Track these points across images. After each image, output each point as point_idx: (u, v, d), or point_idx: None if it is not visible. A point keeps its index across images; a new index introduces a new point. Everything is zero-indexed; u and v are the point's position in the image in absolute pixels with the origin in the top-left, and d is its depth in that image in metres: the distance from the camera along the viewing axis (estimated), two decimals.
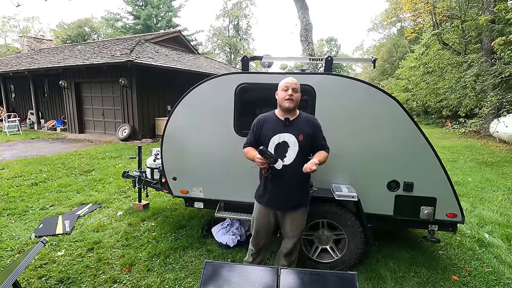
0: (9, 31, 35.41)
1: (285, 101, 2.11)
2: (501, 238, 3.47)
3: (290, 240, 2.31)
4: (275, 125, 2.17)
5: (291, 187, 2.18)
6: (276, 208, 2.27)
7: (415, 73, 17.91)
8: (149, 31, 29.19)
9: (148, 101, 11.03)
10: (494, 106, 8.81)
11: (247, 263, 2.46)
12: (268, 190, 2.23)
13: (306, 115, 2.27)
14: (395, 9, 23.70)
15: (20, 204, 4.37)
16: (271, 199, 2.24)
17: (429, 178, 2.61)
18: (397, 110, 2.58)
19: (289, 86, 2.11)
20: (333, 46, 46.11)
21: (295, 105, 2.14)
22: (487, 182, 5.81)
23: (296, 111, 2.21)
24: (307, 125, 2.18)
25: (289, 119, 2.17)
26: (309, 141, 2.16)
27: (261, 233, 2.34)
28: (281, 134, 2.14)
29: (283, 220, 2.29)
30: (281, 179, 2.16)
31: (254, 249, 2.41)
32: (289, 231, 2.29)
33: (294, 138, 2.12)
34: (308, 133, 2.15)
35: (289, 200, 2.21)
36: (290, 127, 2.15)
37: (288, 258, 2.39)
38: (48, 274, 2.69)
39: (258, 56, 3.16)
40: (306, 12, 9.59)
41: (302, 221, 2.31)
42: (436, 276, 2.72)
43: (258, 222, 2.32)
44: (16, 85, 15.26)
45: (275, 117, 2.21)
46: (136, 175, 3.89)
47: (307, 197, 2.31)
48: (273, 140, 2.15)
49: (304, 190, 2.28)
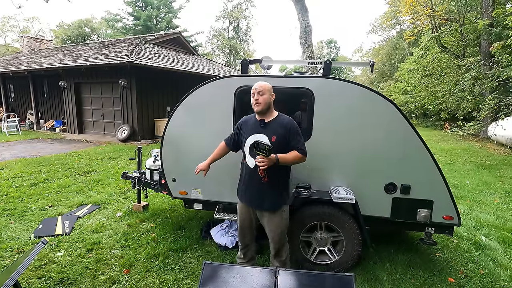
0: (9, 31, 35.47)
1: (254, 106, 2.27)
2: (498, 241, 3.50)
3: (271, 240, 2.40)
4: (253, 126, 2.32)
5: (263, 186, 2.27)
6: (252, 206, 2.39)
7: (414, 76, 18.01)
8: (149, 32, 29.24)
9: (148, 102, 11.05)
10: (492, 109, 8.86)
11: (240, 259, 2.61)
12: (244, 189, 2.38)
13: (283, 118, 2.32)
14: (395, 11, 23.84)
15: (20, 205, 4.38)
16: (247, 197, 2.37)
17: (426, 181, 2.63)
18: (395, 113, 2.61)
19: (254, 91, 2.25)
20: (333, 48, 46.26)
21: (263, 107, 2.24)
22: (484, 185, 5.85)
23: (273, 113, 2.32)
24: (281, 127, 2.26)
25: (264, 121, 2.28)
26: (282, 143, 2.22)
27: (245, 229, 2.48)
28: (256, 134, 2.27)
29: (262, 220, 2.40)
30: (254, 178, 2.28)
31: (241, 244, 2.57)
32: (268, 231, 2.38)
33: (267, 139, 2.23)
34: (281, 135, 2.23)
35: (262, 199, 2.30)
36: (264, 128, 2.27)
37: (278, 258, 2.46)
38: (47, 274, 2.71)
39: (258, 59, 3.19)
40: (306, 14, 9.63)
41: (281, 221, 2.35)
42: (432, 278, 2.74)
43: (240, 219, 2.48)
44: (15, 85, 15.27)
45: (254, 119, 2.35)
46: (135, 176, 3.91)
47: (282, 197, 2.33)
48: (249, 140, 2.28)
49: (278, 189, 2.30)
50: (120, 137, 10.57)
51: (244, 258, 2.60)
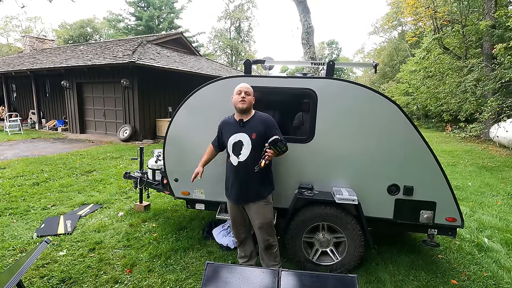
0: (11, 31, 35.54)
1: (239, 102, 2.35)
2: (500, 243, 3.48)
3: (260, 232, 2.47)
4: (232, 127, 2.44)
5: (247, 182, 2.38)
6: (237, 202, 2.49)
7: (415, 77, 17.99)
8: (151, 32, 29.32)
9: (150, 102, 11.07)
10: (494, 111, 8.84)
11: (241, 258, 2.71)
12: (229, 186, 2.48)
13: (260, 115, 2.45)
14: (396, 13, 23.83)
15: (22, 204, 4.39)
16: (233, 194, 2.46)
17: (429, 183, 2.63)
18: (398, 115, 2.60)
19: (242, 90, 2.37)
20: (334, 49, 46.22)
21: (247, 105, 2.36)
22: (486, 187, 5.83)
23: (250, 112, 2.44)
24: (260, 124, 2.38)
25: (243, 120, 2.40)
26: (262, 138, 2.31)
27: (237, 224, 2.60)
28: (236, 134, 2.39)
29: (249, 214, 2.48)
30: (237, 175, 2.40)
31: (238, 240, 2.69)
32: (257, 223, 2.46)
33: (247, 137, 2.35)
34: (261, 131, 2.35)
35: (245, 193, 2.41)
36: (244, 127, 2.39)
37: (269, 251, 2.53)
38: (50, 273, 2.71)
39: (260, 59, 3.19)
40: (308, 15, 9.63)
41: (267, 212, 2.45)
42: (435, 280, 2.73)
43: (231, 215, 2.60)
44: (17, 84, 15.32)
45: (233, 119, 2.47)
46: (137, 176, 3.91)
47: (265, 189, 2.45)
48: (230, 140, 2.40)
49: (261, 183, 2.43)
50: (122, 137, 10.59)
51: (245, 257, 2.65)
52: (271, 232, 2.51)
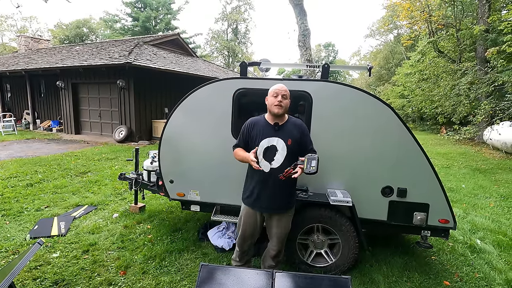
0: (6, 30, 35.25)
1: (274, 106, 2.17)
2: (493, 244, 3.53)
3: (277, 241, 2.36)
4: (265, 129, 2.23)
5: (278, 190, 2.22)
6: (263, 210, 2.32)
7: (410, 80, 18.17)
8: (147, 33, 29.23)
9: (146, 103, 11.03)
10: (488, 114, 8.95)
11: (235, 261, 2.53)
12: (256, 192, 2.27)
13: (294, 120, 2.31)
14: (392, 16, 24.03)
15: (15, 205, 4.34)
16: (259, 201, 2.27)
17: (422, 185, 2.66)
18: (392, 117, 2.63)
19: (278, 92, 2.16)
20: (331, 52, 46.49)
21: (284, 111, 2.19)
22: (480, 189, 5.90)
23: (285, 116, 2.28)
24: (295, 130, 2.24)
25: (278, 124, 2.23)
26: (297, 145, 2.22)
27: (248, 233, 2.39)
28: (270, 138, 2.20)
29: (270, 222, 2.35)
30: (269, 182, 2.21)
31: (239, 250, 2.48)
32: (276, 232, 2.34)
33: (283, 142, 2.18)
34: (296, 137, 2.22)
35: (275, 202, 2.26)
36: (279, 131, 2.22)
37: (276, 259, 2.45)
38: (43, 275, 2.69)
39: (257, 61, 3.21)
40: (304, 18, 9.69)
41: (288, 223, 2.37)
42: (428, 281, 2.76)
43: (245, 222, 2.37)
44: (12, 84, 15.18)
45: (264, 121, 2.27)
46: (132, 177, 3.90)
47: (293, 200, 2.37)
48: (262, 144, 2.20)
49: (290, 192, 2.33)
50: (117, 138, 10.53)
51: (240, 262, 2.53)
52: (285, 241, 2.43)
